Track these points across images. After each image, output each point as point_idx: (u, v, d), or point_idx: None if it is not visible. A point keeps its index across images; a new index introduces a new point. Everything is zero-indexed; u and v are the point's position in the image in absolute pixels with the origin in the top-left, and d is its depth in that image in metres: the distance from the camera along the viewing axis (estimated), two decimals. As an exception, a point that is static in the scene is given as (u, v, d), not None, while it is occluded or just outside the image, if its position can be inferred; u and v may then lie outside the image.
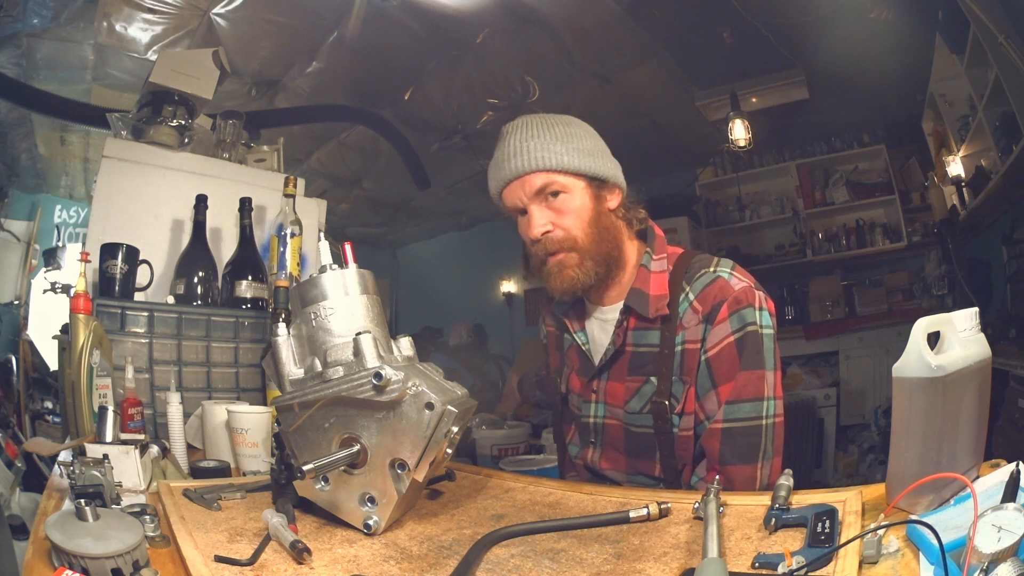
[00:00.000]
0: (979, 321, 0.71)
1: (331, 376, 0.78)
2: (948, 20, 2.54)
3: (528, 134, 1.06)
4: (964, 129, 2.86)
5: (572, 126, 1.09)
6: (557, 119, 1.09)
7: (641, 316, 1.07)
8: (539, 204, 1.06)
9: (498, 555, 0.69)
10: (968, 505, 0.61)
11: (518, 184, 1.06)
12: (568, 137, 1.07)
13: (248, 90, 3.16)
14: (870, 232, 3.95)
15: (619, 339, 1.09)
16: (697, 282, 1.05)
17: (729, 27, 2.83)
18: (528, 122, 1.08)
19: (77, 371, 1.07)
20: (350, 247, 0.85)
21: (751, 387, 1.01)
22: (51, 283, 3.42)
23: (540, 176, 1.05)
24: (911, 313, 2.85)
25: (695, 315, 1.04)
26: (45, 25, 2.62)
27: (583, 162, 1.06)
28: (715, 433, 1.02)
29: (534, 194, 1.06)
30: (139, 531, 0.63)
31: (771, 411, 1.01)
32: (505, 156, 1.07)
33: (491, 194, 1.13)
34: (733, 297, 1.02)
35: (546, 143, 1.05)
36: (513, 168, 1.06)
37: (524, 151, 1.05)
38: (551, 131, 1.06)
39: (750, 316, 1.01)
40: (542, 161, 1.04)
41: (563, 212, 1.06)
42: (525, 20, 2.79)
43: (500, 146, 1.09)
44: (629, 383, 1.09)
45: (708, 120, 3.64)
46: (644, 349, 1.08)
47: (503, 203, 1.11)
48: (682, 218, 4.08)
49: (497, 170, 1.09)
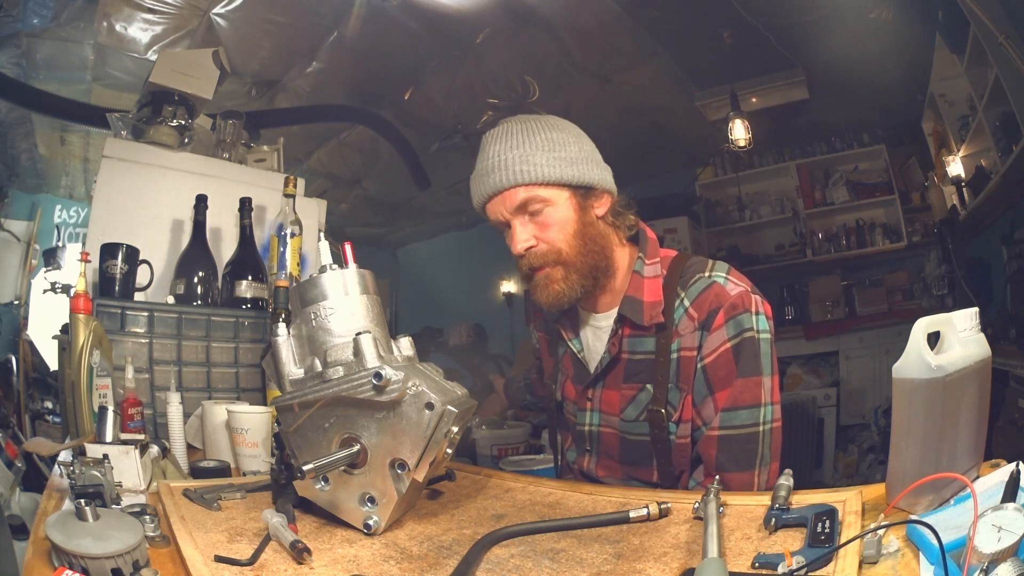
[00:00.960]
0: (979, 321, 0.71)
1: (331, 376, 0.78)
2: (948, 20, 2.54)
3: (508, 144, 1.02)
4: (964, 129, 2.86)
5: (556, 131, 1.04)
6: (541, 124, 1.04)
7: (636, 323, 1.05)
8: (521, 219, 1.03)
9: (498, 555, 0.69)
10: (968, 505, 0.61)
11: (499, 199, 1.03)
12: (551, 145, 1.02)
13: (248, 90, 3.16)
14: (870, 232, 3.95)
15: (614, 347, 1.07)
16: (692, 288, 1.03)
17: (729, 27, 2.83)
18: (509, 130, 1.04)
19: (77, 371, 1.07)
20: (350, 247, 0.85)
21: (748, 394, 0.99)
22: (51, 283, 3.43)
23: (521, 190, 1.01)
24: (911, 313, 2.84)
25: (691, 322, 1.02)
26: (45, 25, 2.62)
27: (566, 171, 1.02)
28: (712, 440, 1.00)
29: (515, 209, 1.02)
30: (139, 531, 0.63)
31: (768, 417, 1.00)
32: (485, 170, 1.03)
33: (474, 206, 1.09)
34: (729, 303, 1.00)
35: (526, 154, 1.01)
36: (493, 183, 1.02)
37: (503, 165, 1.01)
38: (532, 140, 1.02)
39: (747, 322, 1.00)
40: (522, 175, 1.00)
41: (546, 226, 1.02)
42: (525, 20, 2.79)
43: (481, 156, 1.05)
44: (625, 391, 1.08)
45: (708, 120, 3.64)
46: (640, 356, 1.06)
47: (487, 216, 1.08)
48: (682, 218, 4.08)
49: (478, 184, 1.05)
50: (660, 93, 3.44)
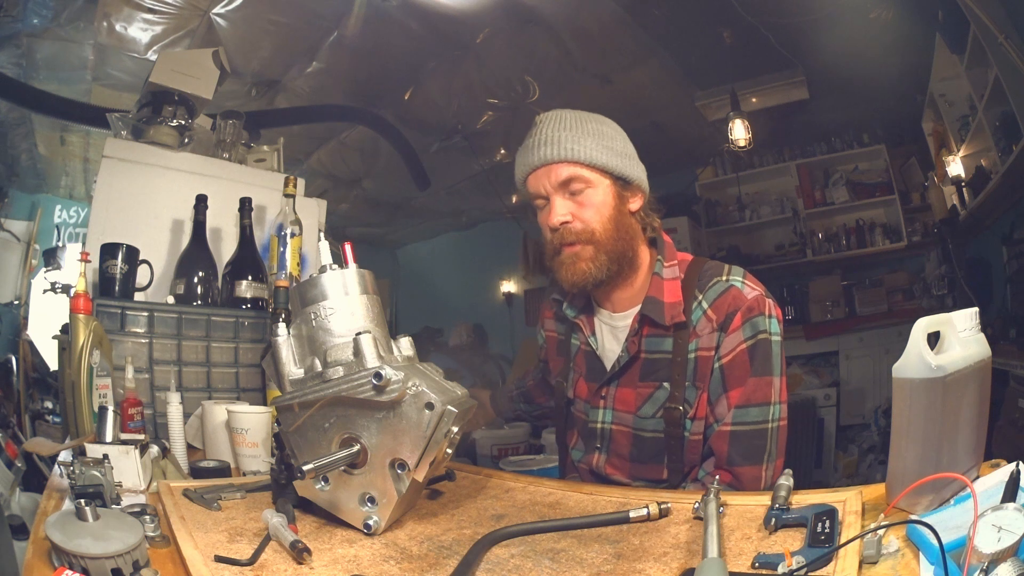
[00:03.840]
0: (979, 321, 0.71)
1: (331, 376, 0.78)
2: (948, 20, 2.54)
3: (561, 125, 1.07)
4: (964, 129, 2.86)
5: (605, 125, 1.11)
6: (592, 116, 1.10)
7: (655, 323, 1.08)
8: (562, 194, 1.07)
9: (498, 555, 0.69)
10: (968, 505, 0.61)
11: (544, 172, 1.07)
12: (600, 135, 1.08)
13: (248, 90, 3.16)
14: (870, 232, 3.95)
15: (634, 347, 1.10)
16: (710, 291, 1.07)
17: (729, 27, 2.83)
18: (562, 115, 1.09)
19: (77, 371, 1.07)
20: (350, 247, 0.85)
21: (759, 392, 1.04)
22: (51, 283, 3.43)
23: (567, 167, 1.06)
24: (911, 313, 2.85)
25: (709, 323, 1.06)
26: (45, 25, 2.62)
27: (611, 160, 1.07)
28: (724, 435, 1.05)
29: (559, 184, 1.07)
30: (139, 531, 0.63)
31: (776, 415, 1.05)
32: (536, 143, 1.08)
33: (516, 179, 1.14)
34: (746, 306, 1.04)
35: (578, 136, 1.06)
36: (542, 155, 1.06)
37: (555, 140, 1.06)
38: (584, 126, 1.07)
39: (762, 324, 1.04)
40: (572, 152, 1.05)
41: (585, 205, 1.07)
42: (525, 20, 2.79)
43: (532, 133, 1.10)
44: (641, 389, 1.10)
45: (708, 120, 3.64)
46: (657, 356, 1.09)
47: (527, 189, 1.12)
48: (682, 218, 4.08)
49: (526, 155, 1.09)
50: (660, 93, 3.44)
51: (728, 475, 1.04)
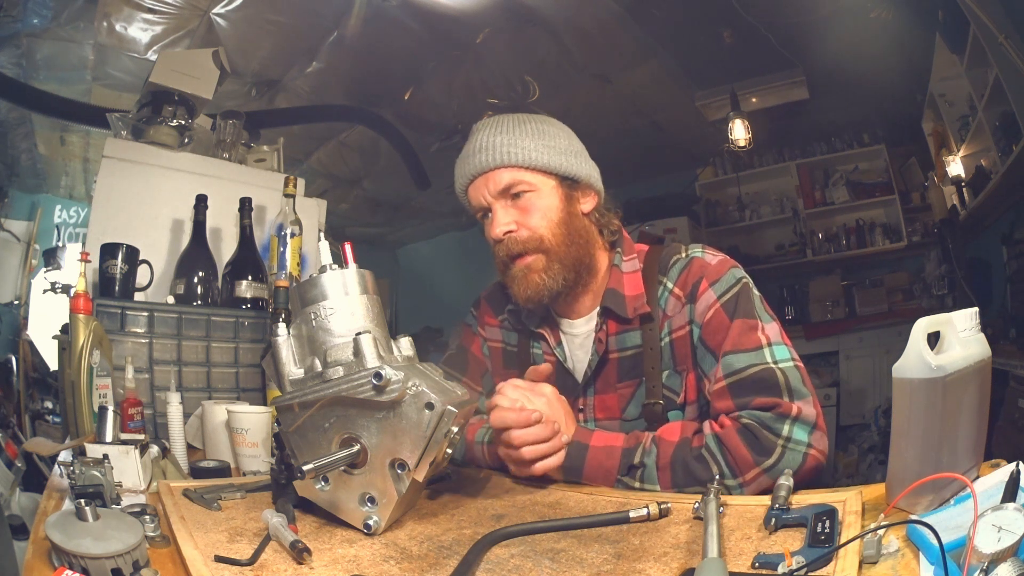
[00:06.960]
0: (979, 321, 0.71)
1: (331, 376, 0.78)
2: (948, 20, 2.54)
3: (498, 129, 1.02)
4: (964, 129, 2.86)
5: (547, 124, 1.05)
6: (531, 117, 1.04)
7: (620, 319, 1.02)
8: (504, 202, 1.01)
9: (498, 555, 0.69)
10: (968, 505, 0.61)
11: (482, 181, 1.01)
12: (540, 133, 1.02)
13: (248, 90, 3.16)
14: (870, 232, 3.95)
15: (601, 347, 1.03)
16: (672, 270, 1.02)
17: (729, 27, 2.83)
18: (500, 119, 1.04)
19: (77, 371, 1.07)
20: (350, 247, 0.85)
21: (746, 337, 0.92)
22: (51, 283, 3.43)
23: (506, 172, 1.00)
24: (911, 313, 2.85)
25: (678, 301, 1.00)
26: (45, 25, 2.62)
27: (554, 159, 1.01)
28: (722, 391, 0.91)
29: (499, 192, 1.01)
30: (139, 531, 0.63)
31: (779, 356, 0.90)
32: (471, 151, 1.02)
33: (457, 192, 1.07)
34: (711, 270, 0.99)
35: (515, 139, 1.00)
36: (478, 163, 1.01)
37: (491, 146, 1.00)
38: (522, 127, 1.02)
39: (730, 279, 0.98)
40: (509, 156, 0.99)
41: (529, 211, 1.00)
42: (525, 20, 2.78)
43: (469, 142, 1.04)
44: (622, 390, 1.04)
45: (708, 120, 3.64)
46: (629, 352, 1.03)
47: (468, 201, 1.06)
48: (682, 218, 4.08)
49: (462, 165, 1.04)
50: (660, 93, 3.44)
51: (728, 420, 0.88)
